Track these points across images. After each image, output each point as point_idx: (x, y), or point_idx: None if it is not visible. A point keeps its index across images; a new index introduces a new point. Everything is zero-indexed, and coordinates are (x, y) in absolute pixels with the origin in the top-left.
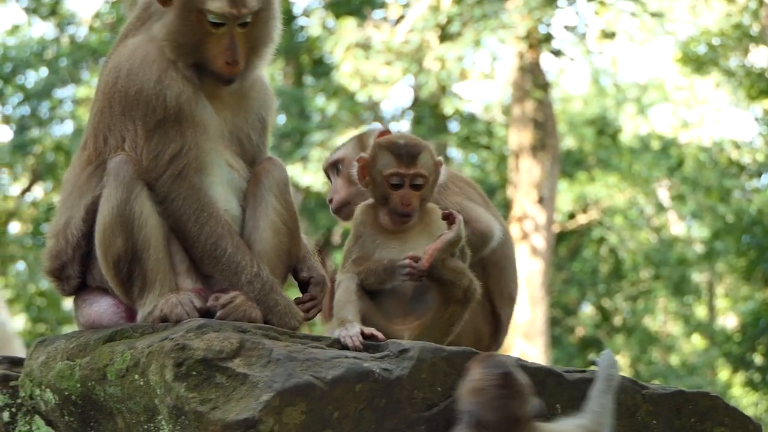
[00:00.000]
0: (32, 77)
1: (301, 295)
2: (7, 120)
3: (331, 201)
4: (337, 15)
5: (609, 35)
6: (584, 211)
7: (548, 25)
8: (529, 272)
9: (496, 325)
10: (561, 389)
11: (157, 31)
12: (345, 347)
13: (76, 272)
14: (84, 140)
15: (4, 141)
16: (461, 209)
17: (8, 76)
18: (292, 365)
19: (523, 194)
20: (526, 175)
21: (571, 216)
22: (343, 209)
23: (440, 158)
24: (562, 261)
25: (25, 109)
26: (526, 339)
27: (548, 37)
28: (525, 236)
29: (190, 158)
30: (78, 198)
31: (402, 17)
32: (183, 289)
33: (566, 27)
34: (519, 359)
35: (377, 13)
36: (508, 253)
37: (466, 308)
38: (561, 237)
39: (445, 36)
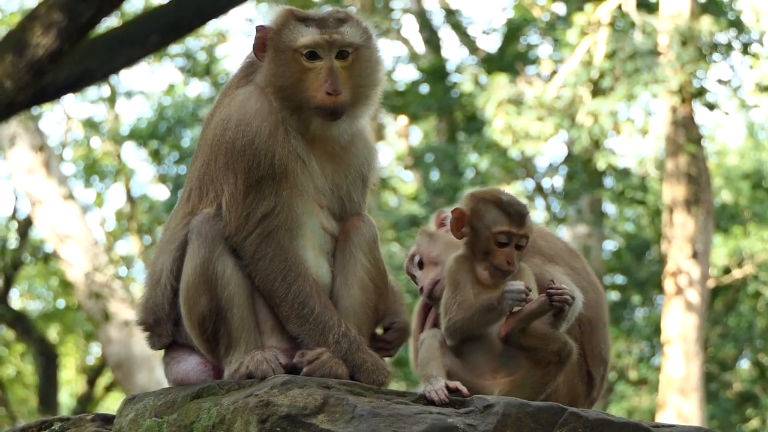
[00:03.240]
0: (188, 136)
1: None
2: (163, 179)
3: (421, 290)
4: (490, 71)
5: (764, 89)
6: (739, 265)
7: (702, 78)
8: (684, 327)
9: (591, 384)
10: None
11: (259, 79)
12: (430, 402)
13: (169, 331)
14: (187, 191)
15: (161, 200)
16: (539, 273)
17: (164, 135)
18: (376, 421)
19: (677, 249)
20: (680, 229)
21: (727, 271)
22: (435, 288)
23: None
24: (718, 316)
25: (181, 168)
26: (681, 395)
27: (702, 91)
28: (679, 291)
29: (281, 219)
30: (173, 250)
31: (554, 72)
32: (268, 347)
33: (720, 81)
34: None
35: (529, 69)
36: (600, 314)
37: (561, 369)
38: (716, 292)
39: (597, 91)
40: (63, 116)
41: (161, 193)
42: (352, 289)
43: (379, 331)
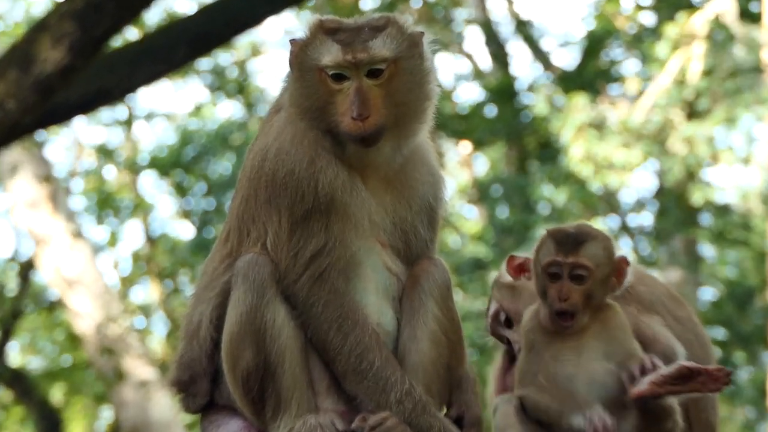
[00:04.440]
0: (217, 166)
1: None
2: (187, 215)
3: (519, 351)
4: (567, 90)
5: None
6: None
7: None
8: None
9: None
10: None
11: (288, 100)
12: None
13: (205, 389)
14: (226, 231)
15: (185, 239)
16: (635, 325)
17: (189, 164)
18: None
19: None
20: None
21: None
22: None
23: (622, 254)
24: None
25: (209, 202)
26: None
27: None
28: None
29: (333, 257)
30: (213, 297)
31: (642, 92)
32: (323, 409)
33: None
34: None
35: (613, 88)
36: None
37: None
38: None
39: (692, 114)
40: (72, 142)
41: (185, 231)
42: (422, 342)
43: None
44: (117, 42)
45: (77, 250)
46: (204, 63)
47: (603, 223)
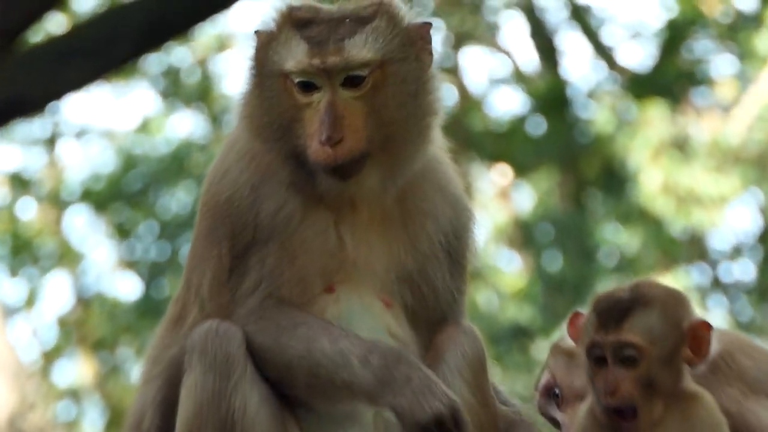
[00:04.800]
0: (172, 200)
1: None
2: (132, 265)
3: None
4: (639, 98)
5: None
6: None
7: None
8: None
9: None
10: None
11: (243, 110)
12: None
13: None
14: (180, 286)
15: (128, 298)
16: (737, 414)
17: (135, 197)
18: None
19: None
20: None
21: None
22: None
23: (697, 318)
24: None
25: (161, 248)
26: None
27: None
28: None
29: (310, 320)
30: (157, 375)
31: (738, 100)
32: None
33: None
34: None
35: (700, 95)
36: None
37: None
38: None
39: None
40: None
41: (128, 287)
42: None
43: None
44: (36, 35)
45: None
46: (153, 62)
47: (687, 276)
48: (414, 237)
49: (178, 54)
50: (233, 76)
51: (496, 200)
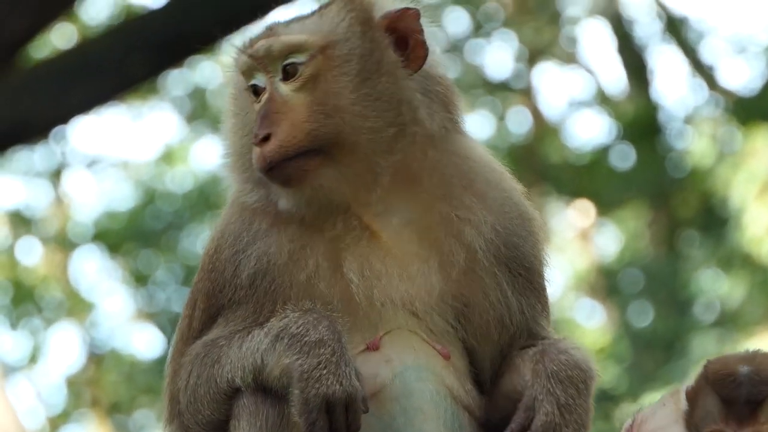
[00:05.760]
0: (196, 240)
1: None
2: (152, 317)
3: None
4: (743, 124)
5: None
6: None
7: None
8: None
9: None
10: None
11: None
12: None
13: None
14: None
15: (147, 354)
16: None
17: (155, 238)
18: None
19: None
20: None
21: None
22: None
23: None
24: None
25: (184, 296)
26: None
27: None
28: None
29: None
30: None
31: None
32: None
33: None
34: None
35: None
36: None
37: None
38: None
39: None
40: None
41: (147, 342)
42: None
43: None
44: (41, 50)
45: None
46: (176, 80)
47: None
48: (449, 252)
49: (205, 71)
50: None
51: (576, 243)
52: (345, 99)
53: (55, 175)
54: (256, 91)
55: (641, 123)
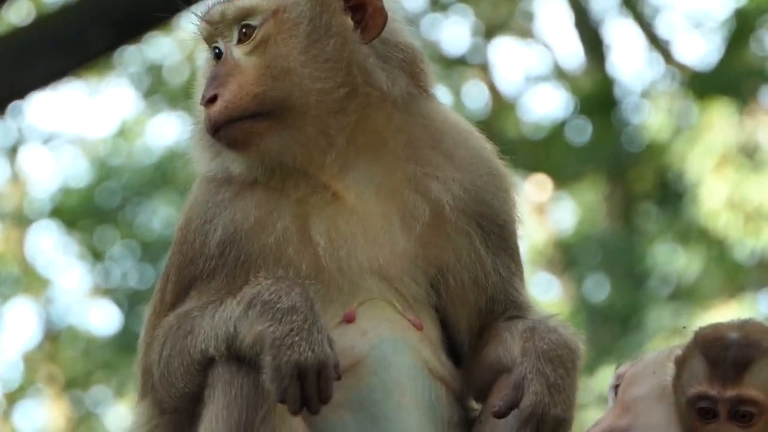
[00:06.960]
0: (155, 216)
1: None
2: (109, 293)
3: None
4: (700, 98)
5: None
6: None
7: None
8: None
9: None
10: None
11: None
12: None
13: None
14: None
15: (104, 331)
16: None
17: (112, 214)
18: None
19: None
20: None
21: None
22: None
23: None
24: None
25: (144, 272)
26: None
27: None
28: None
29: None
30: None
31: None
32: None
33: None
34: None
35: None
36: None
37: None
38: None
39: None
40: None
41: (105, 318)
42: None
43: None
44: None
45: None
46: (133, 56)
47: (755, 306)
48: (412, 208)
49: (162, 47)
50: None
51: (533, 217)
52: (294, 61)
53: (12, 151)
54: (219, 56)
55: (598, 97)
